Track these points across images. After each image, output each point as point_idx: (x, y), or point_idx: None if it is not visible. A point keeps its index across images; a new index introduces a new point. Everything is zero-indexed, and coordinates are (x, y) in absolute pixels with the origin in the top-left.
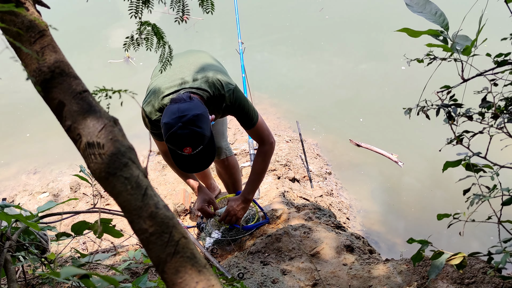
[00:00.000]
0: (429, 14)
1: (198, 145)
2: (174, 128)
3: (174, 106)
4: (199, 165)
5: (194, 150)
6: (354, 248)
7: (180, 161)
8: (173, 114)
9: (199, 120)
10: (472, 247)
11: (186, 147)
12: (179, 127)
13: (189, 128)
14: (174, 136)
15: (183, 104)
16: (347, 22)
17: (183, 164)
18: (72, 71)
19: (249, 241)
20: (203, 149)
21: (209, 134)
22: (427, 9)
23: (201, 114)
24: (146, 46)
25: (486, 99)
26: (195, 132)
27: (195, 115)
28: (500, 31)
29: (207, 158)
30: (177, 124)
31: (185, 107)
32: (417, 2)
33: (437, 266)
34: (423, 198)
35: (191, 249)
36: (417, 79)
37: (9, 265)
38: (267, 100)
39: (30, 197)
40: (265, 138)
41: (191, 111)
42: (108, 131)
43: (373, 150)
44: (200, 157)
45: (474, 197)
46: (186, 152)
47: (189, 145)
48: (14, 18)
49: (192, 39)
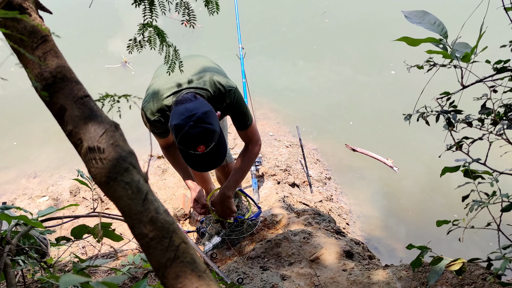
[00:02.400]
0: (428, 24)
1: (211, 142)
2: (186, 128)
3: (181, 107)
4: (213, 162)
5: (207, 147)
6: (354, 253)
7: (193, 161)
8: (182, 115)
9: (208, 117)
10: (471, 253)
11: (199, 145)
12: (190, 127)
13: (200, 126)
14: (187, 136)
15: (189, 104)
16: (348, 27)
17: (197, 163)
18: (73, 76)
19: (248, 246)
20: (215, 146)
21: (219, 130)
22: (426, 19)
23: (209, 110)
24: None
25: (485, 106)
26: (207, 129)
27: (204, 112)
28: (500, 38)
29: (219, 155)
30: (188, 124)
31: (192, 106)
32: (416, 14)
33: (437, 272)
34: (422, 203)
35: (191, 254)
36: (416, 85)
37: (8, 269)
38: (267, 105)
39: (29, 201)
40: (255, 140)
41: (199, 109)
42: (109, 136)
43: (369, 155)
44: (213, 154)
45: (474, 203)
46: (199, 151)
47: (202, 143)
48: (16, 24)
49: (191, 44)
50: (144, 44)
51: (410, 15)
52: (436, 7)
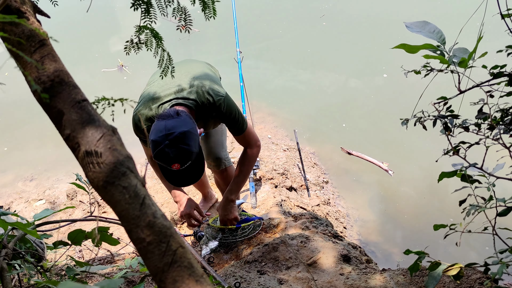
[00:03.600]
0: (427, 32)
1: (186, 161)
2: (161, 146)
3: (161, 124)
4: (188, 179)
5: (182, 166)
6: (351, 257)
7: (169, 175)
8: (160, 132)
9: (186, 137)
10: (468, 256)
11: (174, 163)
12: (165, 145)
13: (176, 146)
14: (162, 154)
15: (170, 121)
16: (347, 31)
17: (173, 178)
18: (71, 80)
19: (246, 250)
20: (191, 165)
21: (197, 150)
22: (426, 29)
23: (187, 131)
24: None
25: (482, 111)
26: (182, 149)
27: (182, 132)
28: (496, 43)
29: (196, 173)
30: (164, 142)
31: (171, 124)
32: (417, 25)
33: (435, 278)
34: (418, 207)
35: (189, 259)
36: (415, 89)
37: (4, 273)
38: (265, 109)
39: (26, 204)
40: (253, 142)
41: (178, 128)
42: (106, 140)
43: (364, 158)
44: (189, 172)
45: (470, 207)
46: (174, 168)
47: (177, 161)
48: (14, 28)
49: (189, 47)
50: (141, 46)
51: (411, 25)
52: (433, 15)
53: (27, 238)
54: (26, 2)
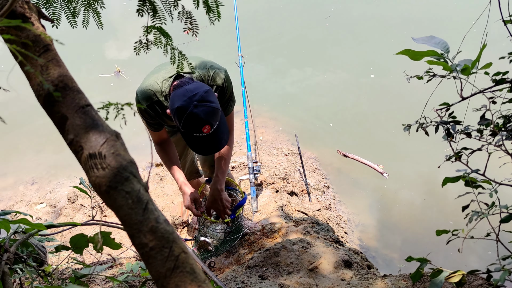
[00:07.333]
0: (433, 44)
1: (215, 121)
2: (190, 108)
3: (181, 90)
4: (217, 143)
5: (212, 127)
6: (352, 263)
7: (198, 144)
8: (183, 96)
9: (209, 95)
10: (469, 262)
11: (205, 125)
12: (194, 106)
13: (204, 105)
14: (192, 117)
15: (189, 85)
16: (351, 34)
17: (203, 146)
18: (75, 85)
19: (247, 255)
20: (219, 126)
21: (220, 109)
22: (432, 41)
23: (209, 89)
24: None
25: (484, 117)
26: (210, 107)
27: (205, 91)
28: (499, 49)
29: (223, 135)
30: (192, 104)
31: (192, 87)
32: (423, 39)
33: (437, 285)
34: (419, 212)
35: (191, 264)
36: (418, 95)
37: (6, 277)
38: (266, 113)
39: (27, 208)
40: (231, 127)
41: (200, 89)
42: (110, 145)
43: (359, 160)
44: (218, 135)
45: (473, 214)
46: (205, 132)
47: (207, 122)
48: (19, 33)
49: (190, 52)
50: (150, 46)
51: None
52: (437, 21)
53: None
54: (31, 8)
